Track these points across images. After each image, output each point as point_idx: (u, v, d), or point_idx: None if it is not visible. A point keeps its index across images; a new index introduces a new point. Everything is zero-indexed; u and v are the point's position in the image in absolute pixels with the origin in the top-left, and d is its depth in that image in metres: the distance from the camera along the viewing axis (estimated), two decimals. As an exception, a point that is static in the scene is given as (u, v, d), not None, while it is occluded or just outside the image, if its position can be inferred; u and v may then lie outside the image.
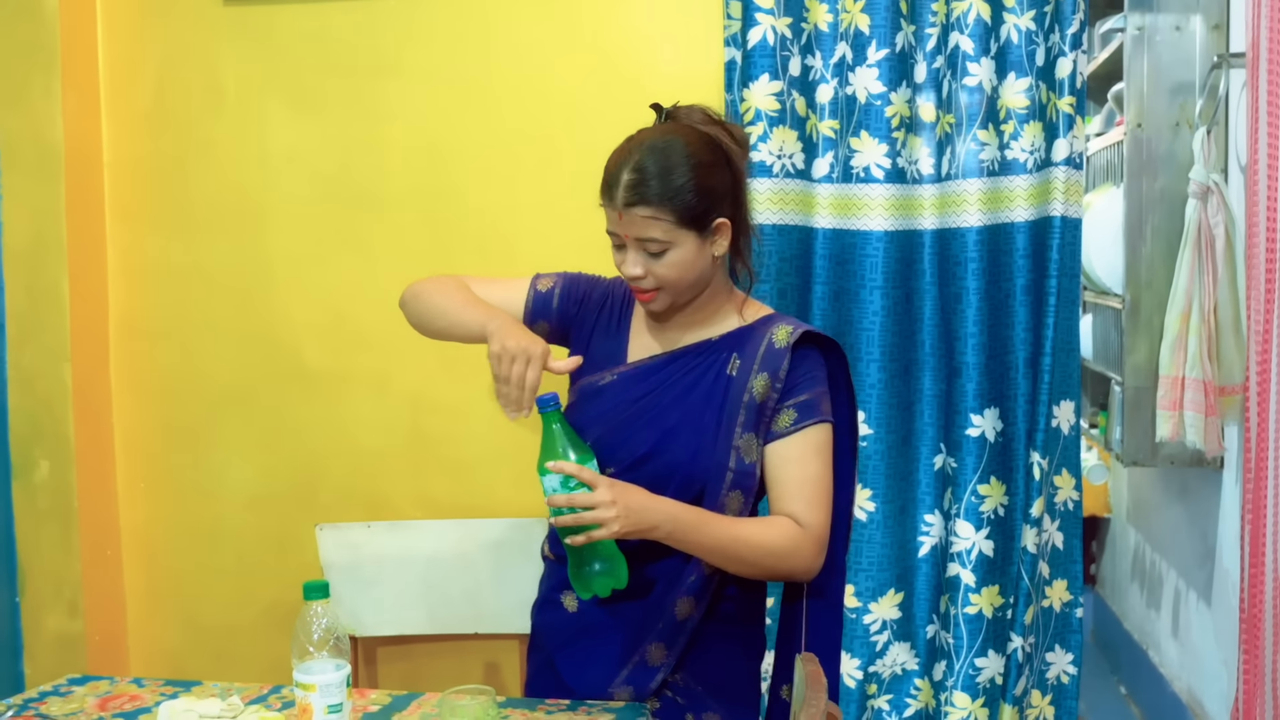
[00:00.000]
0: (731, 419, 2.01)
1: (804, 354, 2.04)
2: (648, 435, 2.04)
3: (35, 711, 2.03)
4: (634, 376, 2.09)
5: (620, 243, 1.99)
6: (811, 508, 2.00)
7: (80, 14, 2.87)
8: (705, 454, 2.01)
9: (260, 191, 2.91)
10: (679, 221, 1.94)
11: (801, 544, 1.98)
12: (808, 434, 2.01)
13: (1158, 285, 3.13)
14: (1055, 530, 2.69)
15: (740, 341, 2.06)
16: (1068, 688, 2.71)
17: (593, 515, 1.83)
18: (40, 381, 2.85)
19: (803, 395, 2.01)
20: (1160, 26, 3.15)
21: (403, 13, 2.83)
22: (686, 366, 2.07)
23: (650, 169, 1.94)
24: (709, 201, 1.96)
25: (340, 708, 1.74)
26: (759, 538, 1.97)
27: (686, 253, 1.97)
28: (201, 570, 2.99)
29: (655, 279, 1.98)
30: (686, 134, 2.00)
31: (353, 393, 2.89)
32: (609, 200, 1.97)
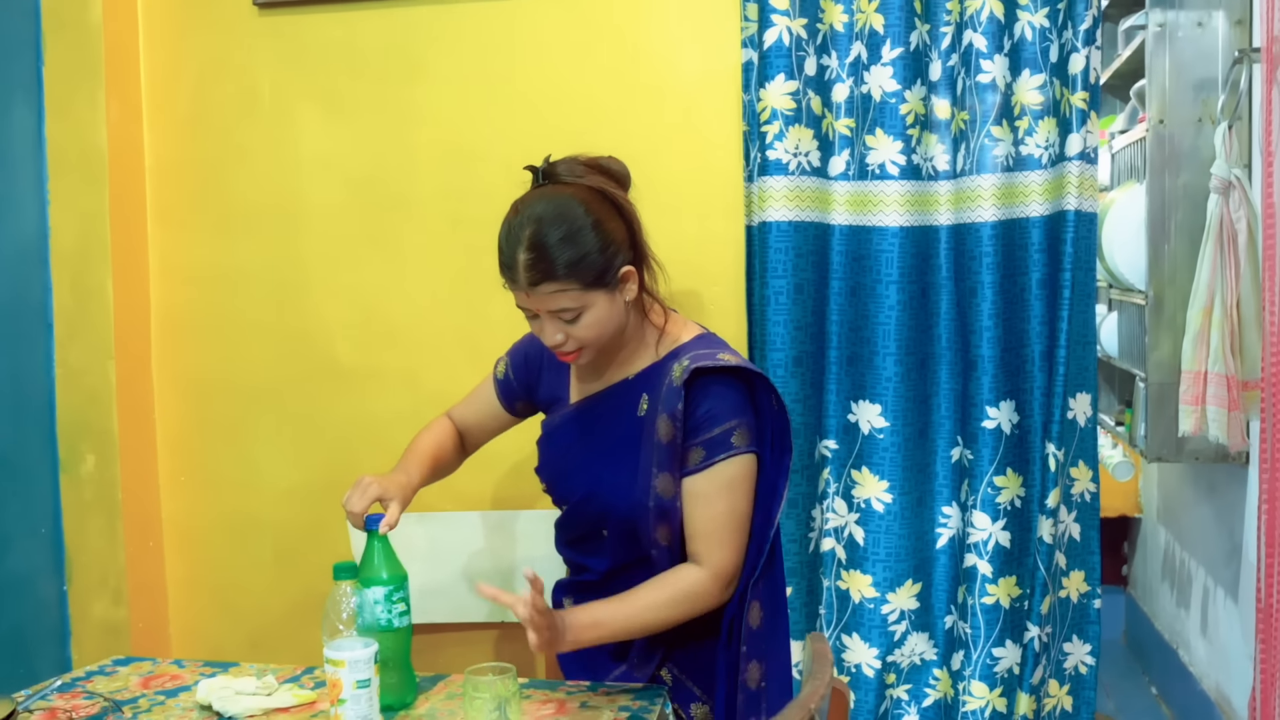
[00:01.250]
0: (647, 460, 2.04)
1: (706, 388, 2.01)
2: (583, 479, 2.12)
3: (82, 688, 2.11)
4: (567, 421, 2.18)
5: (533, 314, 2.02)
6: (713, 547, 2.02)
7: (122, 27, 2.95)
8: (627, 494, 2.06)
9: (294, 194, 2.97)
10: (586, 286, 1.96)
11: (705, 588, 2.02)
12: (716, 471, 2.02)
13: (1181, 281, 3.13)
14: (1072, 522, 2.72)
15: (651, 379, 2.09)
16: (1086, 678, 2.73)
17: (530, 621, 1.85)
18: (86, 378, 2.92)
19: (709, 432, 2.01)
20: (1182, 23, 3.16)
21: (430, 20, 2.89)
22: (607, 408, 2.13)
23: (547, 242, 1.94)
24: (609, 257, 1.98)
25: (368, 683, 1.80)
26: (663, 598, 2.01)
27: (600, 311, 1.99)
28: (239, 559, 3.06)
29: (575, 341, 2.01)
30: (572, 193, 2.01)
31: (383, 388, 2.95)
32: (512, 282, 1.99)
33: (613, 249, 1.99)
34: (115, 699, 2.04)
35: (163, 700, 2.05)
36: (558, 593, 2.33)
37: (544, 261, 1.94)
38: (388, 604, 1.96)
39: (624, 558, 2.13)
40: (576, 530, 2.21)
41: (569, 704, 1.98)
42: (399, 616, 1.97)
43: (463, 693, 1.82)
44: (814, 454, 2.73)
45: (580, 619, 1.96)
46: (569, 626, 1.94)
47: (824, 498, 2.73)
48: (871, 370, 2.71)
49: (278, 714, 1.99)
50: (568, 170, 2.07)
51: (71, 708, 2.01)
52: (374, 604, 1.95)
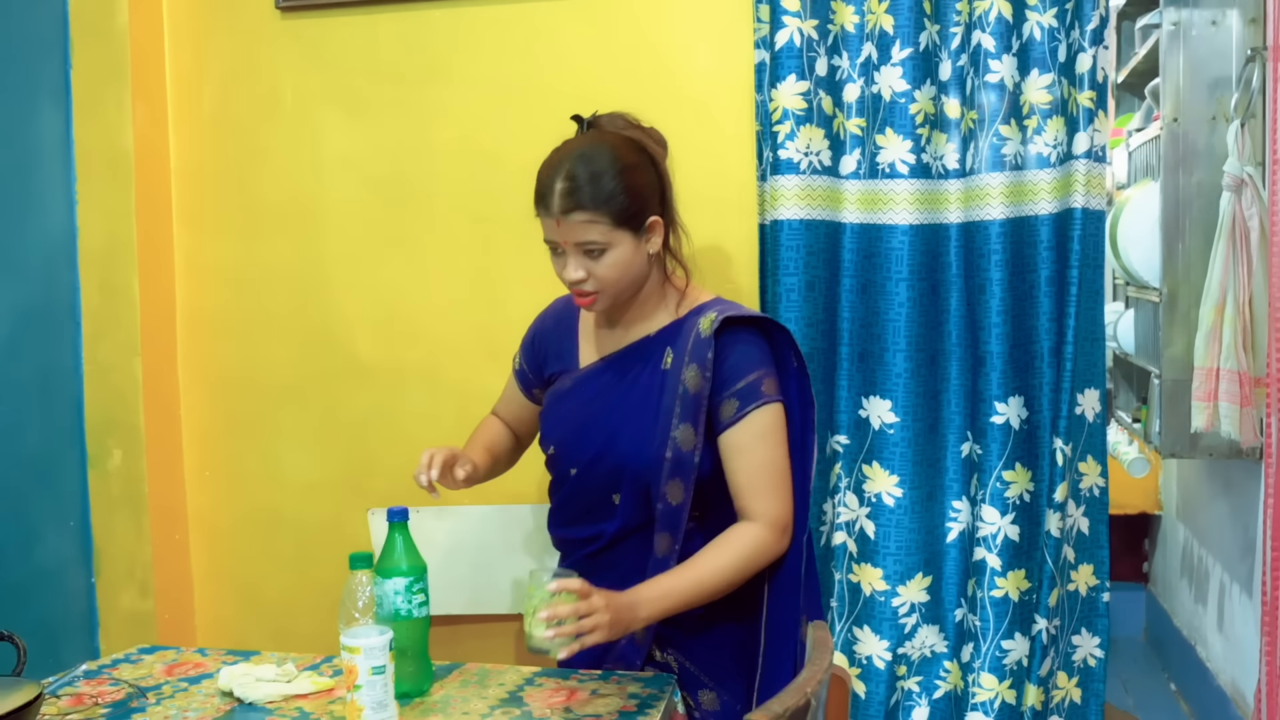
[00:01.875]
0: (668, 412, 2.08)
1: (734, 339, 2.09)
2: (597, 436, 2.15)
3: (108, 675, 2.16)
4: (586, 380, 2.21)
5: (559, 250, 2.08)
6: (764, 497, 2.07)
7: (148, 31, 2.99)
8: (645, 446, 2.10)
9: (316, 194, 3.02)
10: (615, 222, 2.03)
11: (764, 540, 2.06)
12: (752, 420, 2.07)
13: (1195, 278, 3.14)
14: (1081, 516, 2.74)
15: (674, 335, 2.14)
16: (1095, 670, 2.75)
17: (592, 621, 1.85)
18: (113, 375, 2.96)
19: (740, 382, 2.07)
20: (1196, 21, 3.17)
21: (450, 23, 2.93)
22: (627, 365, 2.17)
23: (582, 175, 2.02)
24: (640, 202, 2.06)
25: (383, 669, 1.84)
26: (727, 560, 2.05)
27: (624, 252, 2.06)
28: (262, 552, 3.10)
29: (596, 281, 2.07)
30: (611, 140, 2.09)
31: (403, 385, 2.99)
32: (545, 210, 2.06)
33: (644, 196, 2.08)
34: (140, 685, 2.09)
35: (185, 687, 2.10)
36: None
37: (578, 191, 2.02)
38: (408, 594, 2.01)
39: (635, 520, 2.15)
40: (584, 500, 2.22)
41: (579, 692, 2.02)
42: (418, 607, 2.02)
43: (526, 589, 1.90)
44: (825, 449, 2.76)
45: (649, 592, 1.99)
46: (640, 602, 1.96)
47: (835, 492, 2.76)
48: (882, 366, 2.74)
49: (297, 700, 2.03)
50: (610, 122, 2.17)
51: (97, 694, 2.06)
52: (394, 594, 2.00)
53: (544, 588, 1.86)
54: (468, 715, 1.94)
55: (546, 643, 1.84)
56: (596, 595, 1.88)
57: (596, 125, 2.17)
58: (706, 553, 2.07)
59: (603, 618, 1.86)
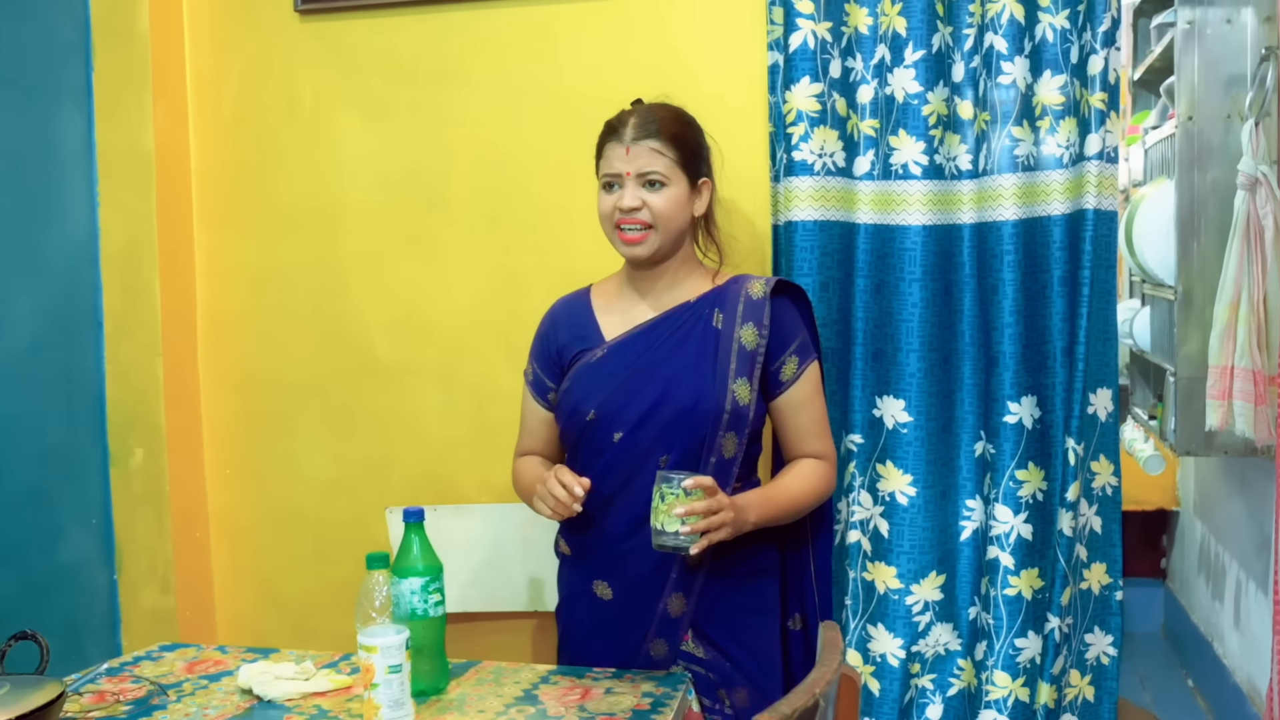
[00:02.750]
0: (725, 366, 2.20)
1: (782, 303, 2.26)
2: (650, 390, 2.20)
3: (129, 673, 2.19)
4: (625, 344, 2.26)
5: (617, 183, 2.22)
6: (824, 441, 2.31)
7: (169, 34, 3.02)
8: (705, 398, 2.19)
9: (334, 195, 3.04)
10: (679, 160, 2.21)
11: (829, 477, 2.30)
12: (809, 376, 2.27)
13: (1210, 276, 3.12)
14: (1093, 515, 2.75)
15: (718, 299, 2.26)
16: (1108, 669, 2.76)
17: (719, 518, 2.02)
18: (135, 374, 2.99)
19: (796, 341, 2.25)
20: (1211, 19, 3.16)
21: (467, 25, 2.95)
22: (673, 325, 2.25)
23: (656, 114, 2.23)
24: (699, 155, 2.26)
25: (399, 668, 1.87)
26: (806, 488, 2.26)
27: (678, 194, 2.22)
28: (282, 550, 3.13)
29: (650, 213, 2.20)
30: (673, 106, 2.31)
31: (421, 384, 3.01)
32: (616, 138, 2.22)
33: (701, 152, 2.29)
34: (160, 683, 2.12)
35: (206, 684, 2.13)
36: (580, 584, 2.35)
37: (651, 123, 2.23)
38: (424, 594, 2.03)
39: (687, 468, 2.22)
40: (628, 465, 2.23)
41: (594, 690, 2.05)
42: (434, 606, 2.05)
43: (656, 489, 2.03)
44: (840, 448, 2.77)
45: (754, 498, 2.17)
46: (749, 505, 2.13)
47: (849, 491, 2.77)
48: (896, 366, 2.75)
49: (315, 698, 2.06)
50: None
51: (119, 691, 2.09)
52: (410, 594, 2.02)
53: (677, 486, 1.98)
54: (483, 713, 1.96)
55: (681, 539, 1.99)
56: (722, 494, 2.05)
57: None
58: (791, 473, 2.27)
59: (728, 515, 2.03)
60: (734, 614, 2.23)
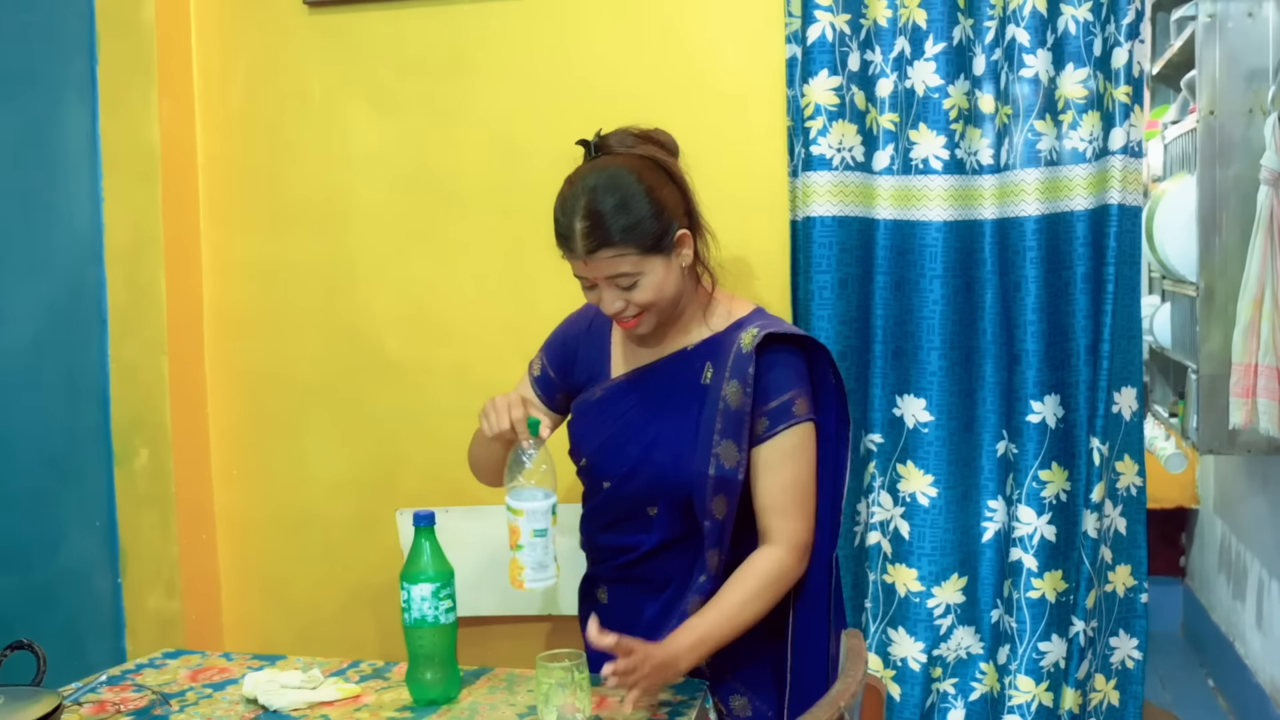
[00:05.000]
0: (709, 427, 2.06)
1: (773, 358, 2.07)
2: (633, 449, 2.12)
3: (131, 681, 2.15)
4: (617, 391, 2.18)
5: (591, 284, 2.05)
6: (787, 517, 2.06)
7: (175, 26, 2.99)
8: (686, 462, 2.08)
9: (343, 191, 3.00)
10: (644, 251, 2.00)
11: (785, 565, 2.05)
12: (781, 439, 2.06)
13: (1232, 272, 3.10)
14: (1118, 516, 2.70)
15: (714, 349, 2.11)
16: (1133, 673, 2.72)
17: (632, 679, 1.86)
18: (140, 373, 2.95)
19: (774, 401, 2.06)
20: (1232, 13, 3.13)
21: (477, 18, 2.91)
22: (665, 377, 2.14)
23: (602, 211, 1.98)
24: (664, 222, 2.02)
25: (545, 533, 1.91)
26: (752, 591, 2.03)
27: (657, 275, 2.03)
28: (290, 552, 3.09)
29: (636, 307, 2.05)
30: (624, 163, 2.04)
31: (432, 383, 2.97)
32: (569, 251, 2.02)
33: (667, 215, 2.04)
34: (163, 692, 2.09)
35: (210, 693, 2.09)
36: (590, 585, 2.34)
37: (600, 229, 1.98)
38: (434, 600, 1.99)
39: (672, 533, 2.13)
40: (618, 510, 2.20)
41: (610, 700, 2.00)
42: (445, 613, 2.01)
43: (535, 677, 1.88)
44: (859, 448, 2.72)
45: (682, 642, 1.97)
46: (678, 655, 1.94)
47: (869, 492, 2.73)
48: (916, 364, 2.70)
49: (322, 707, 2.02)
50: (619, 141, 2.11)
51: (120, 700, 2.06)
52: (421, 600, 1.99)
53: (553, 673, 1.84)
54: (496, 722, 1.93)
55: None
56: (639, 651, 1.86)
57: (604, 147, 2.11)
58: (731, 587, 2.05)
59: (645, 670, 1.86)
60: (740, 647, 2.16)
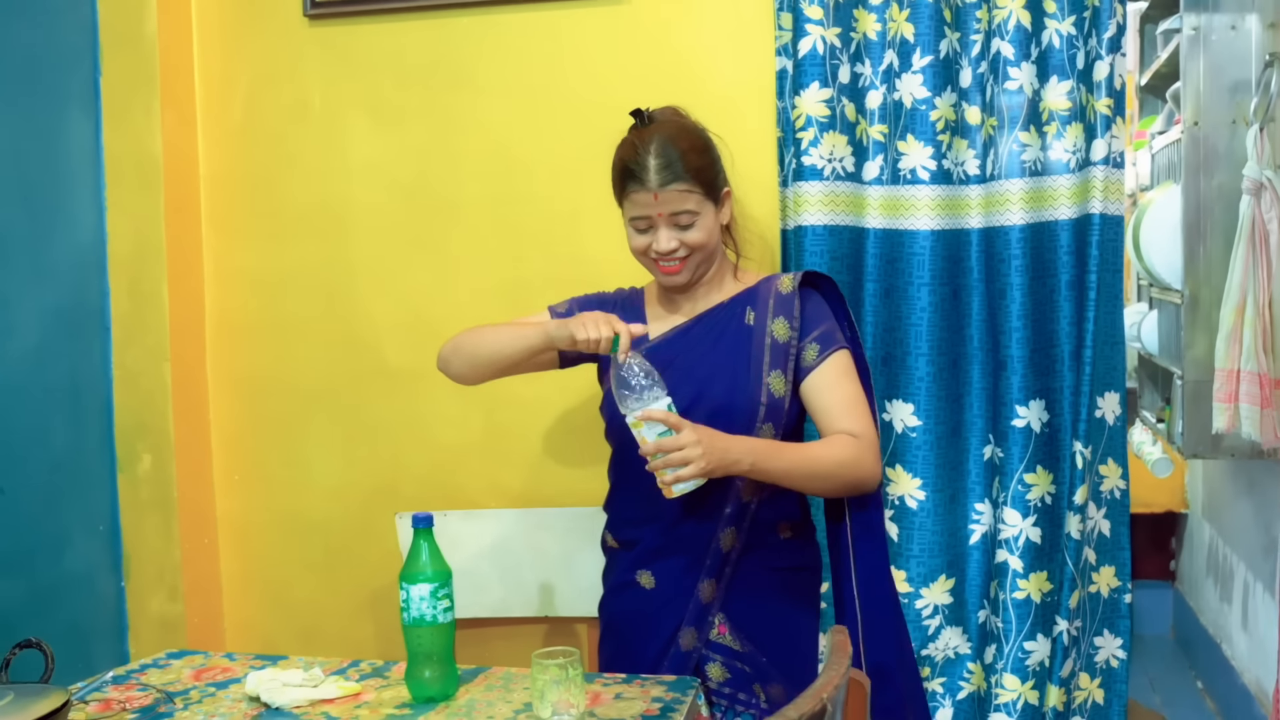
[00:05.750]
0: (759, 361, 2.22)
1: (808, 295, 2.27)
2: (686, 390, 2.20)
3: (136, 680, 2.18)
4: (662, 346, 2.28)
5: (647, 225, 2.21)
6: (857, 420, 2.19)
7: (177, 39, 3.02)
8: (740, 392, 2.21)
9: (344, 200, 3.04)
10: (705, 192, 2.20)
11: (862, 451, 2.17)
12: (833, 361, 2.22)
13: (1216, 280, 3.12)
14: (1102, 518, 2.75)
15: (750, 298, 2.28)
16: (1117, 672, 2.77)
17: (681, 455, 2.00)
18: (142, 380, 2.99)
19: (818, 330, 2.23)
20: (1216, 26, 3.16)
21: (476, 30, 2.95)
22: (708, 326, 2.28)
23: (673, 152, 2.18)
24: (719, 175, 2.24)
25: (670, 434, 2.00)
26: (827, 453, 2.16)
27: (709, 220, 2.22)
28: (291, 556, 3.13)
29: (686, 248, 2.21)
30: (681, 123, 2.27)
31: (431, 390, 2.99)
32: (641, 185, 2.18)
33: (720, 167, 2.27)
34: (168, 690, 2.11)
35: (213, 692, 2.12)
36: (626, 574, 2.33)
37: (673, 165, 2.18)
38: (433, 600, 2.03)
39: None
40: None
41: (604, 695, 2.04)
42: (443, 613, 2.04)
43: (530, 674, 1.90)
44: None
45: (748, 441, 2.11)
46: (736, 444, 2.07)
47: (859, 495, 2.78)
48: (905, 370, 2.76)
49: (323, 704, 2.05)
50: (663, 115, 2.31)
51: (125, 699, 2.07)
52: (420, 600, 2.02)
53: (549, 670, 1.87)
54: (492, 718, 1.96)
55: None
56: (689, 431, 2.01)
57: (654, 119, 2.30)
58: (813, 443, 2.20)
59: (695, 450, 2.00)
60: (771, 609, 2.25)
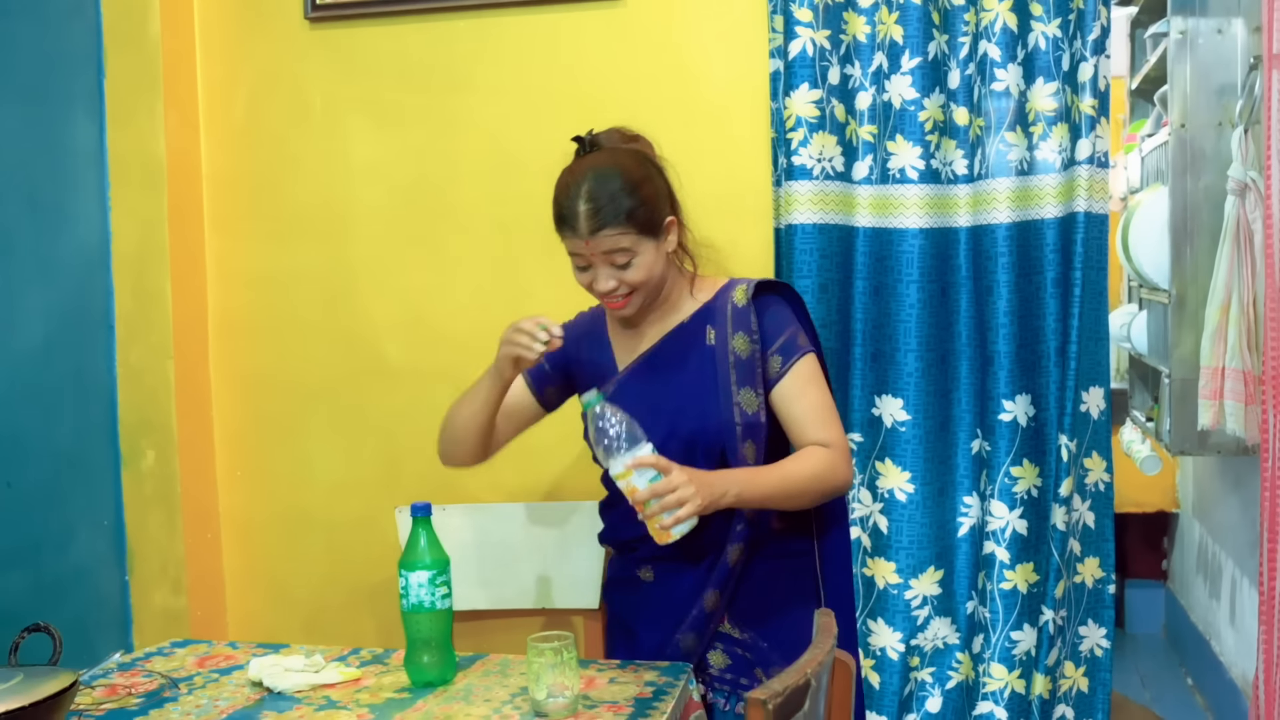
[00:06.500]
0: (726, 381, 2.19)
1: (765, 304, 2.23)
2: (661, 422, 2.20)
3: (141, 667, 2.21)
4: (631, 379, 2.28)
5: (585, 264, 2.17)
6: (826, 429, 2.19)
7: (180, 41, 3.06)
8: (713, 417, 2.20)
9: (344, 201, 3.08)
10: (640, 232, 2.13)
11: (835, 461, 2.17)
12: (797, 370, 2.20)
13: (1203, 280, 3.16)
14: (1086, 510, 2.80)
15: (708, 315, 2.25)
16: (1101, 661, 2.82)
17: (676, 496, 1.98)
18: (146, 377, 3.01)
19: (779, 340, 2.21)
20: (1203, 30, 3.21)
21: (475, 32, 2.99)
22: (670, 351, 2.26)
23: (603, 194, 2.12)
24: (657, 209, 2.16)
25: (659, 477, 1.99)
26: (802, 469, 2.15)
27: (648, 256, 2.16)
28: (292, 551, 3.16)
29: (627, 286, 2.16)
30: (617, 156, 2.18)
31: (430, 387, 3.01)
32: (571, 231, 2.14)
33: (659, 203, 2.18)
34: (172, 677, 2.15)
35: (217, 678, 2.16)
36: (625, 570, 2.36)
37: (603, 209, 2.11)
38: (431, 587, 2.07)
39: None
40: None
41: (598, 680, 2.09)
42: (441, 599, 2.09)
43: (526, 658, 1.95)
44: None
45: (731, 473, 2.12)
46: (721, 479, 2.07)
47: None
48: (894, 366, 2.81)
49: (324, 689, 2.09)
50: (609, 139, 2.24)
51: (131, 684, 2.12)
52: (418, 587, 2.07)
53: (544, 653, 1.92)
54: (489, 702, 2.00)
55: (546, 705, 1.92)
56: (678, 471, 2.00)
57: (597, 144, 2.24)
58: (787, 460, 2.19)
59: (688, 490, 1.99)
60: (770, 597, 2.26)
